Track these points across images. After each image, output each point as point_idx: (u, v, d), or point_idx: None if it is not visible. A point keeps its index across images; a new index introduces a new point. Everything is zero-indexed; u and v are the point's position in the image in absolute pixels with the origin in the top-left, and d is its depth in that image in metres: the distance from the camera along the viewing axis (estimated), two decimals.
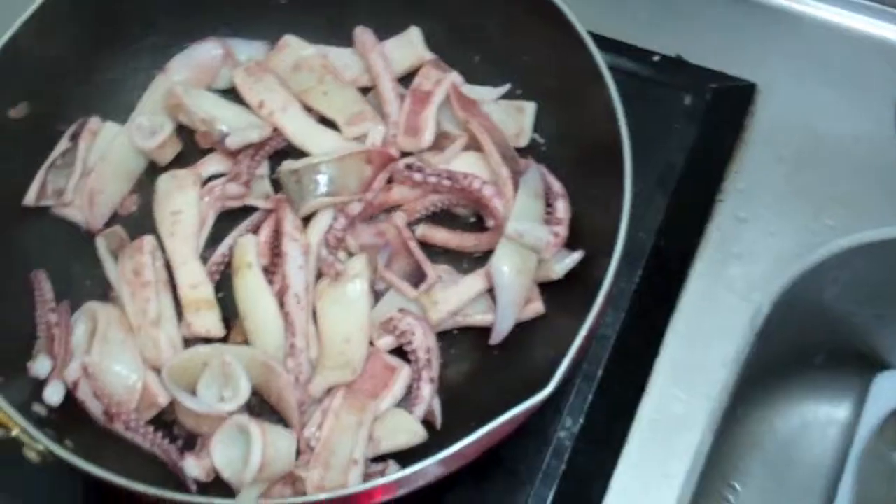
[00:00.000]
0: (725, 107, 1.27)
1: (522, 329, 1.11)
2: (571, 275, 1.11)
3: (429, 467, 0.93)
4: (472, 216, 1.19)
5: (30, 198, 1.16)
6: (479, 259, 1.17)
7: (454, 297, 1.11)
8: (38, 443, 0.95)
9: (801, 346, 1.36)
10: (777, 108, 1.27)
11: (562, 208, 1.13)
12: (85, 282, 1.17)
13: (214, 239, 1.19)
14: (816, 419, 1.46)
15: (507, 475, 1.10)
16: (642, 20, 1.34)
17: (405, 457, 1.04)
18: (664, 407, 1.13)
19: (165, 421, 1.10)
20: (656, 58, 1.29)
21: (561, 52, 1.13)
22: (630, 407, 1.13)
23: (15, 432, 0.95)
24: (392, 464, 1.02)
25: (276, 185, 1.20)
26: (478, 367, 1.12)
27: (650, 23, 1.33)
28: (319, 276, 1.14)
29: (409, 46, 1.24)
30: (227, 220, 1.20)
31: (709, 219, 1.22)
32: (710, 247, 1.20)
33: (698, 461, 1.11)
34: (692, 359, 1.15)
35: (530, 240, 1.09)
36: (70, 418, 1.05)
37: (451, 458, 0.94)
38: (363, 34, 1.24)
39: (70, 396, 1.06)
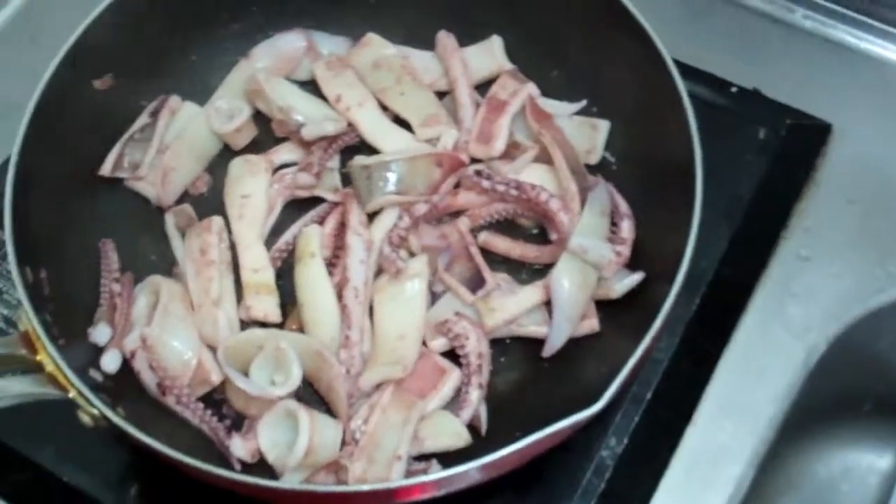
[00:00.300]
0: (799, 144, 1.26)
1: (575, 344, 1.11)
2: (628, 296, 1.11)
3: (470, 471, 0.94)
4: (535, 228, 1.20)
5: (106, 168, 1.18)
6: (538, 271, 1.18)
7: (511, 306, 1.11)
8: (93, 407, 0.97)
9: (850, 391, 1.34)
10: (851, 150, 1.27)
11: (626, 228, 1.13)
12: (150, 256, 1.20)
13: (279, 226, 1.20)
14: (858, 466, 1.44)
15: (547, 488, 1.10)
16: (723, 49, 1.34)
17: (448, 459, 1.05)
18: (709, 437, 1.12)
19: (215, 399, 1.12)
20: (734, 89, 1.29)
21: (641, 74, 1.14)
22: (675, 433, 1.12)
23: (72, 394, 0.97)
24: (434, 463, 1.03)
25: (345, 179, 1.22)
26: (527, 378, 1.13)
27: (731, 52, 1.33)
28: (379, 272, 1.15)
29: (490, 55, 1.25)
30: (293, 209, 1.22)
31: (771, 254, 1.21)
32: (770, 282, 1.20)
33: (737, 495, 1.11)
34: (742, 392, 1.14)
35: (593, 256, 1.09)
36: (124, 387, 1.07)
37: (493, 465, 0.94)
38: (445, 38, 1.25)
39: (126, 366, 1.08)
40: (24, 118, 1.08)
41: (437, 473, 0.94)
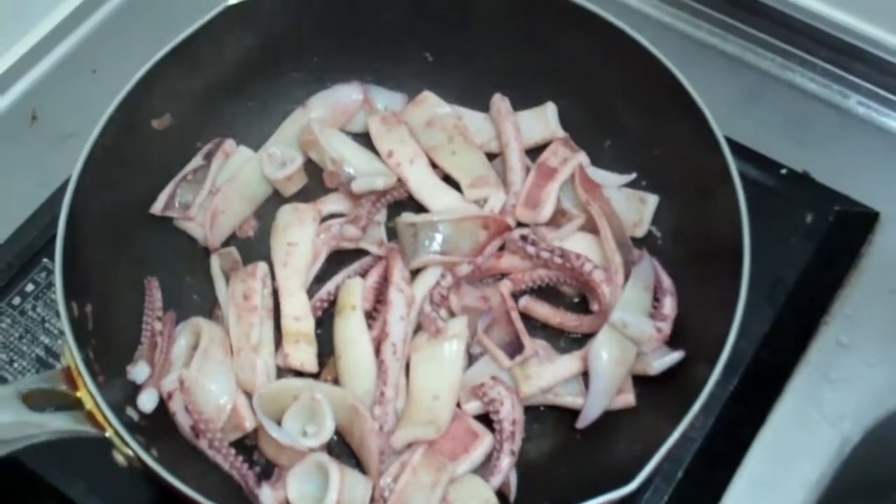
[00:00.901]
0: (845, 230, 1.26)
1: (609, 418, 1.11)
2: (667, 373, 1.11)
3: None
4: (577, 296, 1.20)
5: (157, 207, 1.19)
6: (576, 340, 1.18)
7: (548, 374, 1.11)
8: (128, 447, 0.97)
9: (879, 480, 1.33)
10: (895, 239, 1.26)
11: (669, 305, 1.13)
12: (193, 296, 1.21)
13: (321, 275, 1.21)
14: None
15: None
16: (775, 130, 1.34)
17: None
18: None
19: (246, 445, 1.12)
20: (783, 171, 1.29)
21: (693, 151, 1.14)
22: None
23: (108, 433, 0.98)
24: None
25: (390, 232, 1.23)
26: (559, 448, 1.13)
27: (782, 134, 1.33)
28: (417, 329, 1.16)
29: (543, 121, 1.26)
30: (336, 259, 1.23)
31: (811, 339, 1.21)
32: (808, 367, 1.19)
33: None
34: (773, 476, 1.14)
35: (634, 331, 1.09)
36: (158, 426, 1.07)
37: None
38: (499, 101, 1.26)
39: (161, 405, 1.09)
40: (83, 153, 1.09)
41: None
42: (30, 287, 1.23)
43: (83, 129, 1.31)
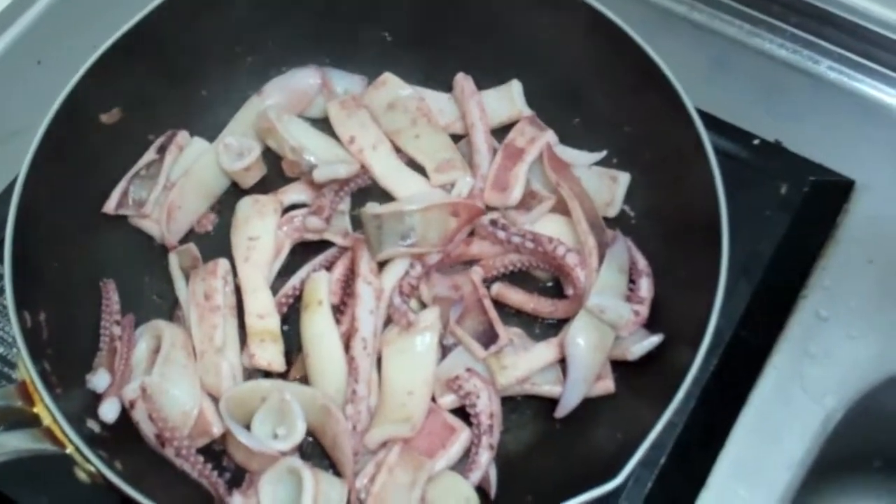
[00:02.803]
0: (821, 201, 1.23)
1: (589, 405, 1.08)
2: (646, 357, 1.08)
3: None
4: (550, 280, 1.17)
5: (110, 206, 1.15)
6: (551, 325, 1.15)
7: (524, 364, 1.08)
8: (90, 464, 0.93)
9: (863, 450, 1.32)
10: (873, 208, 1.24)
11: (645, 287, 1.10)
12: (152, 297, 1.17)
13: (285, 268, 1.17)
14: None
15: None
16: (744, 99, 1.30)
17: None
18: (724, 503, 1.09)
19: (215, 451, 1.08)
20: (756, 141, 1.26)
21: (665, 126, 1.11)
22: (688, 499, 1.09)
23: (69, 450, 0.94)
24: None
25: (356, 222, 1.19)
26: (538, 438, 1.10)
27: (753, 103, 1.30)
28: (387, 322, 1.12)
29: (508, 100, 1.22)
30: (300, 251, 1.18)
31: (790, 313, 1.18)
32: (788, 343, 1.17)
33: None
34: (757, 456, 1.11)
35: (611, 316, 1.06)
36: (121, 438, 1.03)
37: None
38: (463, 81, 1.22)
39: (124, 415, 1.04)
40: (29, 152, 1.05)
41: None
42: None
43: (29, 125, 1.26)
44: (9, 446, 0.92)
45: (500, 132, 1.22)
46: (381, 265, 1.14)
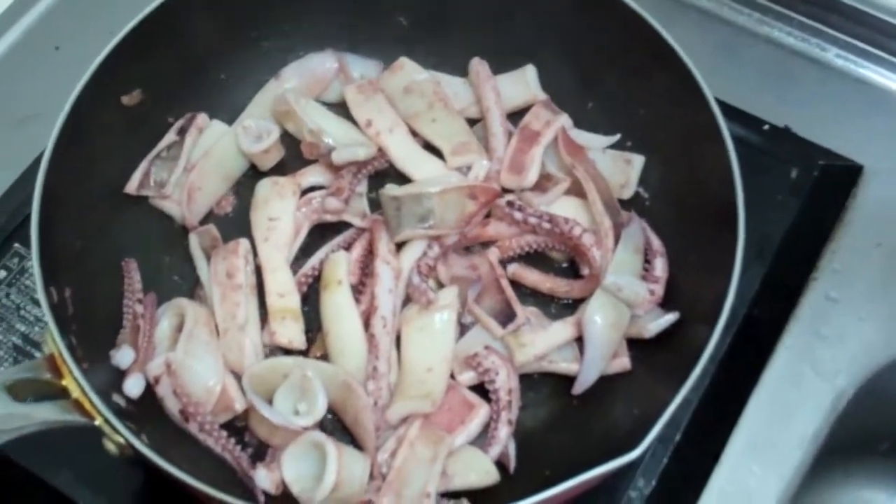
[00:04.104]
0: (830, 185, 1.25)
1: (605, 382, 1.09)
2: (661, 335, 1.10)
3: None
4: (566, 261, 1.18)
5: (131, 186, 1.16)
6: (566, 305, 1.16)
7: (542, 342, 1.10)
8: (119, 435, 0.94)
9: (870, 432, 1.33)
10: (881, 193, 1.26)
11: (660, 266, 1.12)
12: (173, 277, 1.18)
13: (304, 250, 1.18)
14: None
15: None
16: (753, 85, 1.32)
17: (473, 497, 1.03)
18: (737, 479, 1.11)
19: (237, 427, 1.09)
20: (765, 126, 1.28)
21: (680, 109, 1.12)
22: (703, 475, 1.11)
23: (98, 422, 0.95)
24: (465, 501, 1.01)
25: (373, 204, 1.20)
26: (555, 415, 1.11)
27: (762, 90, 1.32)
28: (406, 301, 1.14)
29: (523, 84, 1.23)
30: (318, 232, 1.20)
31: (801, 295, 1.20)
32: (799, 324, 1.18)
33: None
34: (770, 434, 1.13)
35: (628, 294, 1.08)
36: (145, 413, 1.04)
37: None
38: (478, 65, 1.23)
39: (148, 390, 1.06)
40: (53, 133, 1.05)
41: None
42: (2, 274, 1.20)
43: (47, 109, 1.27)
44: (39, 417, 0.93)
45: (515, 116, 1.23)
46: (399, 246, 1.15)
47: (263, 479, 1.02)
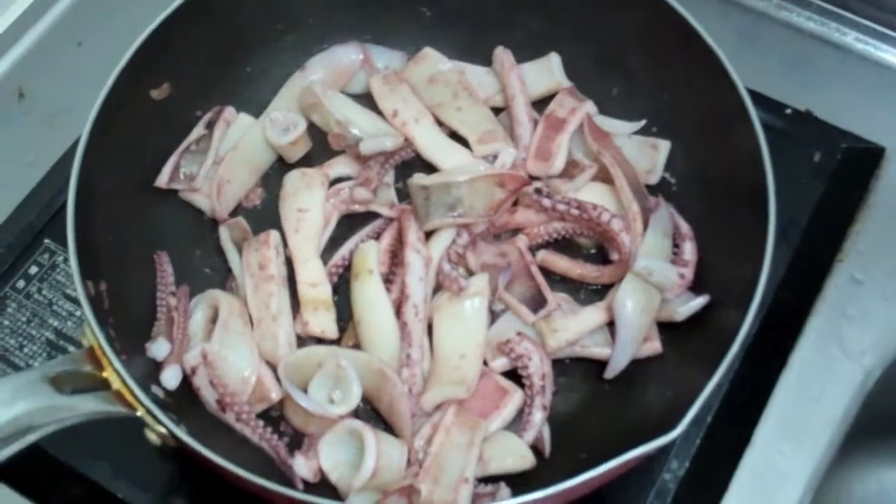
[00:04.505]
0: (853, 167, 1.26)
1: (636, 366, 1.10)
2: (691, 319, 1.10)
3: (545, 499, 0.93)
4: (594, 248, 1.19)
5: (162, 179, 1.17)
6: (594, 290, 1.17)
7: (574, 327, 1.10)
8: (160, 425, 0.95)
9: (890, 411, 1.34)
10: None
11: (689, 250, 1.13)
12: (204, 269, 1.18)
13: (332, 241, 1.19)
14: (894, 486, 1.44)
15: None
16: (773, 70, 1.33)
17: (510, 481, 1.04)
18: (768, 461, 1.12)
19: (272, 416, 1.10)
20: (788, 111, 1.29)
21: (706, 93, 1.13)
22: (735, 456, 1.12)
23: (140, 413, 0.95)
24: (503, 487, 1.01)
25: (400, 193, 1.21)
26: (588, 400, 1.12)
27: (782, 74, 1.33)
28: (436, 289, 1.14)
29: (547, 72, 1.24)
30: (345, 223, 1.20)
31: (827, 277, 1.21)
32: (826, 305, 1.19)
33: None
34: (799, 415, 1.14)
35: (658, 278, 1.09)
36: (182, 404, 1.05)
37: (568, 491, 0.93)
38: (503, 54, 1.24)
39: (184, 381, 1.06)
40: (86, 128, 1.06)
41: (514, 500, 0.92)
42: (34, 269, 1.20)
43: (73, 105, 1.29)
44: (82, 409, 0.93)
45: (539, 104, 1.24)
46: (428, 235, 1.16)
47: (302, 467, 1.03)
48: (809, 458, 1.12)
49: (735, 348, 0.98)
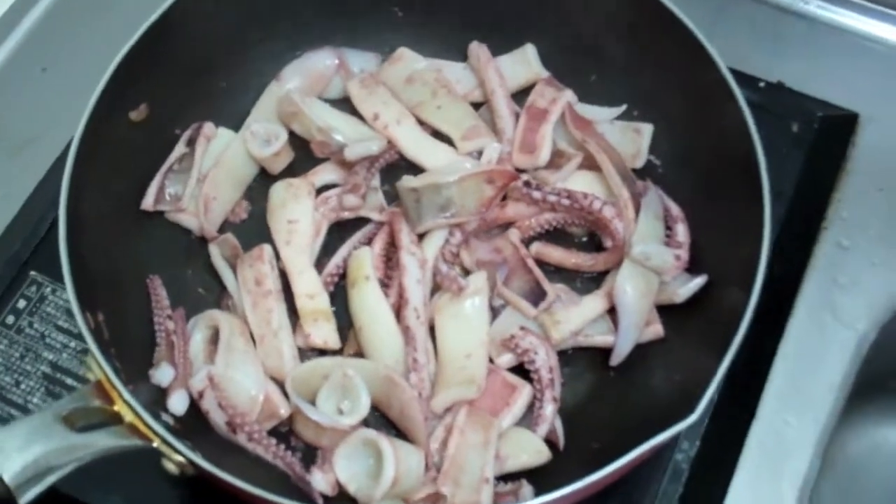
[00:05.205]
0: (830, 135, 1.27)
1: (640, 351, 1.11)
2: (689, 299, 1.11)
3: (571, 493, 0.93)
4: (585, 235, 1.19)
5: (148, 202, 1.15)
6: (591, 278, 1.17)
7: (576, 317, 1.11)
8: (178, 453, 0.94)
9: (886, 370, 1.37)
10: (878, 138, 1.28)
11: (682, 231, 1.13)
12: (197, 289, 1.17)
13: (323, 250, 1.18)
14: (887, 443, 1.46)
15: (623, 499, 1.09)
16: (742, 45, 1.34)
17: (529, 478, 1.04)
18: (775, 432, 1.13)
19: (280, 432, 1.09)
20: (761, 84, 1.30)
21: (685, 73, 1.14)
22: (742, 432, 1.13)
23: (156, 444, 0.94)
24: (525, 484, 1.02)
25: (388, 196, 1.20)
26: (594, 388, 1.12)
27: (749, 47, 1.34)
28: (433, 290, 1.14)
29: (524, 63, 1.24)
30: (335, 231, 1.19)
31: (814, 246, 1.22)
32: (815, 274, 1.21)
33: (807, 486, 1.12)
34: (800, 385, 1.15)
35: (656, 262, 1.09)
36: (190, 429, 1.04)
37: (594, 484, 0.93)
38: (478, 49, 1.24)
39: (190, 405, 1.05)
40: (69, 159, 1.03)
41: (541, 498, 0.93)
42: (22, 303, 1.18)
43: (42, 133, 1.27)
44: (98, 445, 0.92)
45: (517, 97, 1.23)
46: (421, 236, 1.15)
47: (319, 481, 1.02)
48: (814, 425, 1.14)
49: (744, 327, 0.99)
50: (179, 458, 0.95)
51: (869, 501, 1.43)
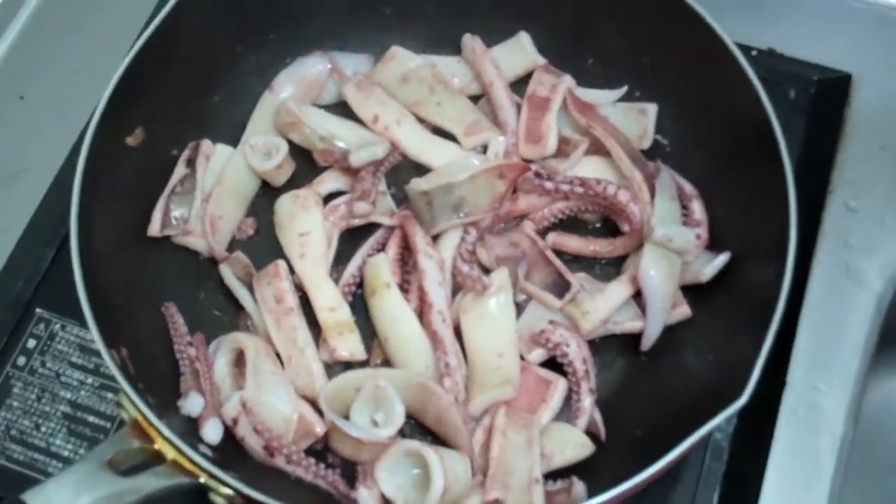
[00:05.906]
0: (827, 98, 1.27)
1: (669, 334, 1.10)
2: (714, 278, 1.10)
3: (631, 488, 0.92)
4: (599, 221, 1.18)
5: (154, 228, 1.11)
6: (609, 264, 1.16)
7: (603, 306, 1.10)
8: (227, 486, 0.91)
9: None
10: (874, 97, 1.28)
11: (698, 209, 1.13)
12: (213, 311, 1.14)
13: (336, 259, 1.16)
14: (893, 394, 1.48)
15: (667, 482, 1.09)
16: (730, 14, 1.30)
17: (578, 474, 1.03)
18: (806, 400, 1.13)
19: (315, 450, 1.07)
20: (753, 52, 1.29)
21: (685, 47, 1.13)
22: (775, 404, 1.13)
23: (203, 479, 0.92)
24: (576, 481, 1.00)
25: (396, 198, 1.18)
26: (627, 375, 1.12)
27: (737, 16, 1.32)
28: (455, 291, 1.12)
29: (520, 52, 1.22)
30: (345, 239, 1.17)
31: (823, 210, 1.22)
32: (827, 238, 1.21)
33: (844, 448, 1.12)
34: (825, 350, 1.15)
35: (679, 243, 1.09)
36: (227, 455, 1.01)
37: (654, 474, 0.92)
38: (472, 41, 1.21)
39: (225, 434, 1.02)
40: (75, 192, 1.00)
41: (603, 496, 0.91)
42: (31, 343, 1.14)
43: (28, 164, 1.23)
44: (147, 487, 0.89)
45: (515, 86, 1.22)
46: (435, 237, 1.13)
47: (366, 498, 1.00)
48: (843, 389, 1.14)
49: (783, 298, 0.98)
50: (227, 491, 0.92)
51: (879, 456, 1.45)
